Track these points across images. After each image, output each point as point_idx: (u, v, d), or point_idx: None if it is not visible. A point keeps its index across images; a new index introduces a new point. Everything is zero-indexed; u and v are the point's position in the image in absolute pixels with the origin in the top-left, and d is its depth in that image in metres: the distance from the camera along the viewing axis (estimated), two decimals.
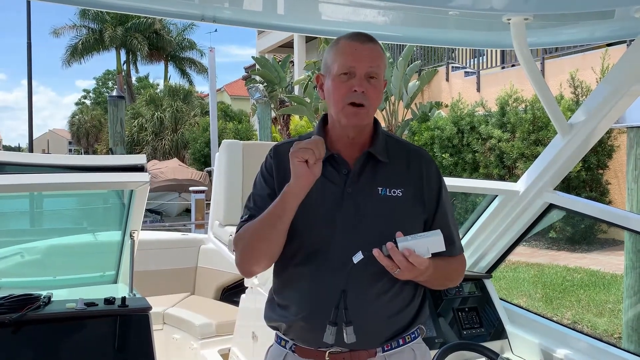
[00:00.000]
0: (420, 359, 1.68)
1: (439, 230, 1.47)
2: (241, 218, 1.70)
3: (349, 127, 1.61)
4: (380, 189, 1.60)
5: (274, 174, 1.66)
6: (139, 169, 2.49)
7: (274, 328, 1.72)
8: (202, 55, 32.95)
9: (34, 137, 24.22)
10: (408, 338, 1.66)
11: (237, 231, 1.71)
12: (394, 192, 1.60)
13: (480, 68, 13.36)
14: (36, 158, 2.98)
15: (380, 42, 1.71)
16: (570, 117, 2.51)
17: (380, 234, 1.51)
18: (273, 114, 17.24)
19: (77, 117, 40.74)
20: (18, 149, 50.95)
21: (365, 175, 1.62)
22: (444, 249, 1.46)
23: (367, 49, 1.59)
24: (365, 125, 1.64)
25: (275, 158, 1.67)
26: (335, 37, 1.69)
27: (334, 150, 1.63)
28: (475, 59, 13.74)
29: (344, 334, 1.50)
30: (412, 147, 1.73)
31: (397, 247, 1.43)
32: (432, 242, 1.45)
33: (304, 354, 1.64)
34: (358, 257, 1.46)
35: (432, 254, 1.46)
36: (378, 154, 1.63)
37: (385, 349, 1.62)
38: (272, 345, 1.75)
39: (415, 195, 1.62)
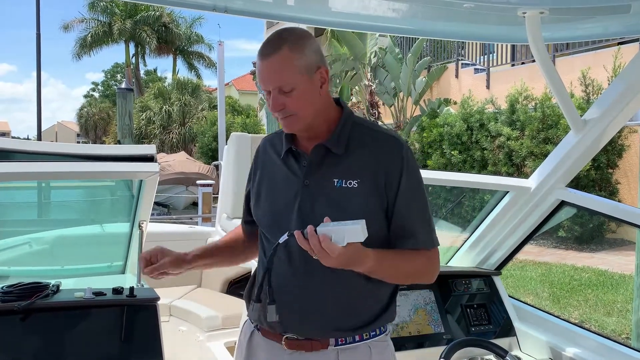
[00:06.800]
0: (376, 356, 1.64)
1: (363, 220, 1.40)
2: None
3: (290, 132, 1.64)
4: (336, 180, 1.57)
5: (253, 171, 1.78)
6: (149, 159, 2.48)
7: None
8: (210, 49, 32.96)
9: (43, 129, 24.32)
10: (366, 335, 1.63)
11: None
12: (350, 183, 1.56)
13: (490, 65, 13.28)
14: (46, 146, 2.98)
15: (389, 35, 1.67)
16: (581, 115, 2.47)
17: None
18: None
19: (85, 109, 40.88)
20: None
21: (324, 167, 1.60)
22: (362, 240, 1.39)
23: (268, 65, 1.53)
24: (307, 127, 1.60)
25: (257, 155, 1.79)
26: (344, 29, 1.67)
27: (297, 143, 1.65)
28: (485, 56, 13.66)
29: (267, 312, 1.49)
30: (382, 135, 1.63)
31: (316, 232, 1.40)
32: (349, 230, 1.38)
33: (265, 334, 1.68)
34: (283, 238, 1.45)
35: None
36: (331, 146, 1.59)
37: (339, 342, 1.61)
38: (246, 320, 1.80)
39: (373, 185, 1.56)
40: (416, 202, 1.60)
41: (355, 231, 1.38)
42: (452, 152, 11.27)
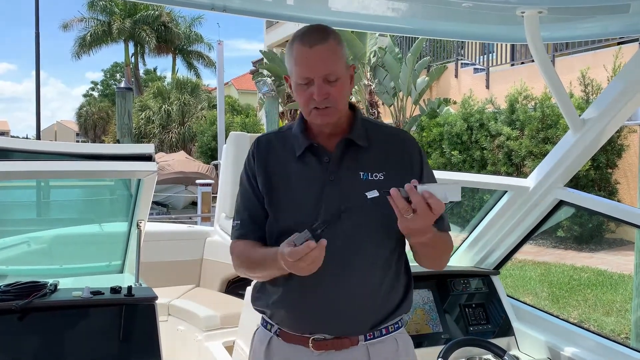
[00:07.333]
0: (403, 348, 1.67)
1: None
2: (234, 220, 1.72)
3: (322, 125, 1.62)
4: (362, 173, 1.59)
5: (255, 168, 1.67)
6: (147, 158, 2.48)
7: (260, 311, 1.74)
8: (210, 48, 32.92)
9: (42, 128, 24.30)
10: (391, 328, 1.66)
11: (232, 237, 1.73)
12: (376, 176, 1.59)
13: (490, 65, 13.28)
14: (44, 145, 2.98)
15: (389, 34, 1.68)
16: (580, 115, 2.47)
17: (364, 218, 1.53)
18: (280, 108, 17.22)
19: (84, 108, 40.83)
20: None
21: (347, 162, 1.61)
22: (459, 200, 1.42)
23: (317, 53, 1.53)
24: (338, 119, 1.62)
25: (257, 152, 1.69)
26: (344, 29, 1.67)
27: (315, 140, 1.64)
28: (485, 56, 13.67)
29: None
30: (392, 130, 1.73)
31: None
32: (450, 189, 1.39)
33: (288, 339, 1.65)
34: (373, 194, 1.42)
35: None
36: (357, 139, 1.62)
37: (368, 337, 1.62)
38: (257, 329, 1.76)
39: (398, 177, 1.58)
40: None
41: (455, 190, 1.39)
42: (452, 152, 11.27)
